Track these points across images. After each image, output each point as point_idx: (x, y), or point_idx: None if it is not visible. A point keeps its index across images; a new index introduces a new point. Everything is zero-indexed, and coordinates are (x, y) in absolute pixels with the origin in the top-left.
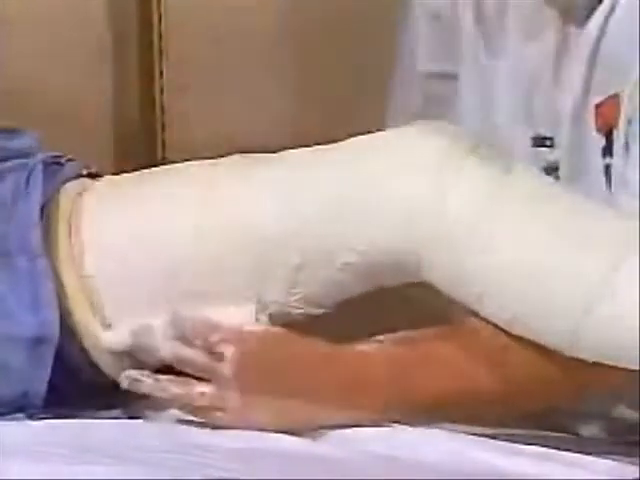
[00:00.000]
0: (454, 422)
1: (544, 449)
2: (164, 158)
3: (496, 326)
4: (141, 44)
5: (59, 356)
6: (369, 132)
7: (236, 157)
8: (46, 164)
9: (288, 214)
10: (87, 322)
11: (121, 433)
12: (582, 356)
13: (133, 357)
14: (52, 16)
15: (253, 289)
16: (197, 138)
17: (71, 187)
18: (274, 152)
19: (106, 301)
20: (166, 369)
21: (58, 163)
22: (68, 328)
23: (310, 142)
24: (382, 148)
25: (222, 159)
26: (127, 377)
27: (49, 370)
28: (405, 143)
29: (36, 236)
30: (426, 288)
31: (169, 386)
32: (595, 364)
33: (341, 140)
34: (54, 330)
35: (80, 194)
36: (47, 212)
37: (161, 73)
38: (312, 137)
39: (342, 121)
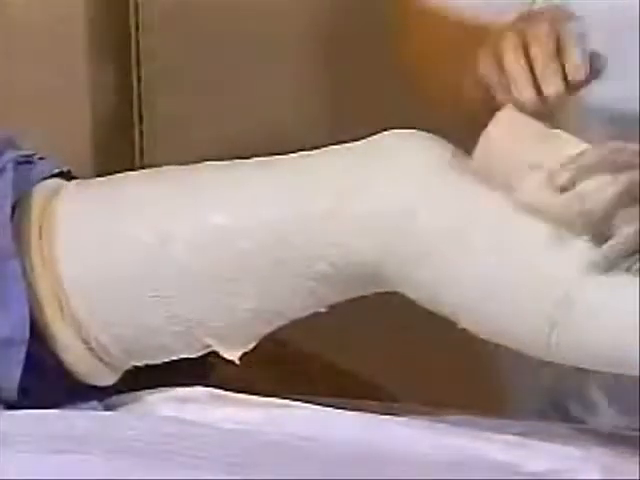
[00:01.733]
0: None
1: (544, 444)
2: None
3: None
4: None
5: (31, 356)
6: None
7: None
8: (18, 163)
9: (264, 226)
10: (58, 323)
11: (101, 424)
12: (560, 361)
13: (105, 360)
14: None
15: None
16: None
17: (44, 187)
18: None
19: (77, 303)
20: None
21: (29, 162)
22: (39, 329)
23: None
24: (364, 156)
25: (206, 163)
26: None
27: (20, 370)
28: (386, 153)
29: (7, 237)
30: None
31: None
32: None
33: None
34: (24, 331)
35: (53, 194)
36: (19, 212)
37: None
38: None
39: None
